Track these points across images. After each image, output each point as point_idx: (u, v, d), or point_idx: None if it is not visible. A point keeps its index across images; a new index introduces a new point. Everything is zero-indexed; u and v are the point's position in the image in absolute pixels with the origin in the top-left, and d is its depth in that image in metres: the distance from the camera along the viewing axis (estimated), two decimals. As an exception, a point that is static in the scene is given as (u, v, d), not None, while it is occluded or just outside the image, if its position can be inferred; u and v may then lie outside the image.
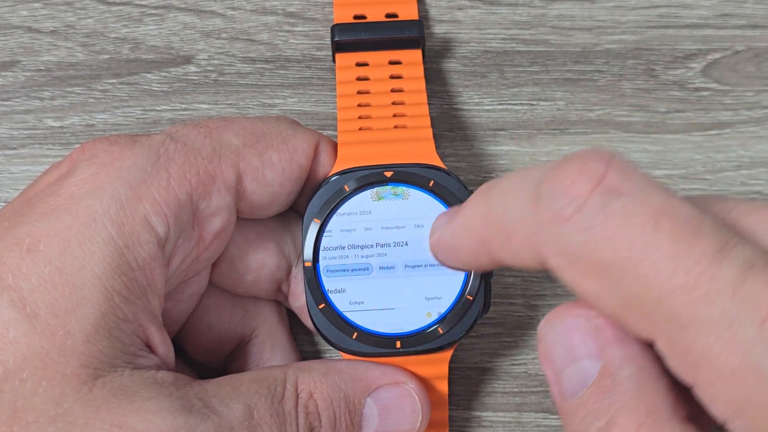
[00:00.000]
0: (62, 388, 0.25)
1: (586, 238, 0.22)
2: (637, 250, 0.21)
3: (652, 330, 0.22)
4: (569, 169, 0.22)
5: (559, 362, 0.24)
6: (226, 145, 0.29)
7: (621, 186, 0.22)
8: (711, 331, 0.21)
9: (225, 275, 0.31)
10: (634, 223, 0.21)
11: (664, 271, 0.21)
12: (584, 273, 0.22)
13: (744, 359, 0.20)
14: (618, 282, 0.22)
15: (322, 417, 0.28)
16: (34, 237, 0.26)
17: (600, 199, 0.22)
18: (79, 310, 0.25)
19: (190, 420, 0.25)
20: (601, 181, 0.22)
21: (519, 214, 0.23)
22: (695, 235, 0.21)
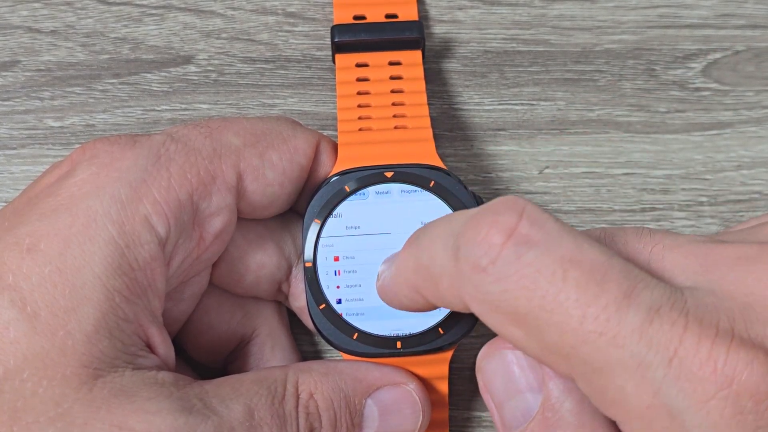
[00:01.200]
0: (62, 388, 0.25)
1: (501, 288, 0.23)
2: (549, 299, 0.22)
3: (572, 372, 0.23)
4: (483, 221, 0.23)
5: (500, 395, 0.26)
6: (226, 145, 0.29)
7: (532, 236, 0.23)
8: (622, 373, 0.22)
9: (225, 275, 0.31)
10: (544, 273, 0.22)
11: (574, 318, 0.22)
12: (503, 320, 0.23)
13: (655, 398, 0.22)
14: (535, 329, 0.23)
15: (322, 417, 0.28)
16: (35, 237, 0.26)
17: (512, 250, 0.23)
18: (80, 310, 0.25)
19: (191, 420, 0.25)
20: (513, 232, 0.23)
21: (442, 264, 0.24)
22: (602, 282, 0.22)
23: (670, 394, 0.21)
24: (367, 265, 0.30)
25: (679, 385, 0.21)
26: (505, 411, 0.26)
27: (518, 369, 0.25)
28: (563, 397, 0.24)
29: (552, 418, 0.24)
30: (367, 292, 0.30)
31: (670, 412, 0.22)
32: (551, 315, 0.22)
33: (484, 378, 0.26)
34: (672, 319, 0.22)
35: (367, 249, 0.31)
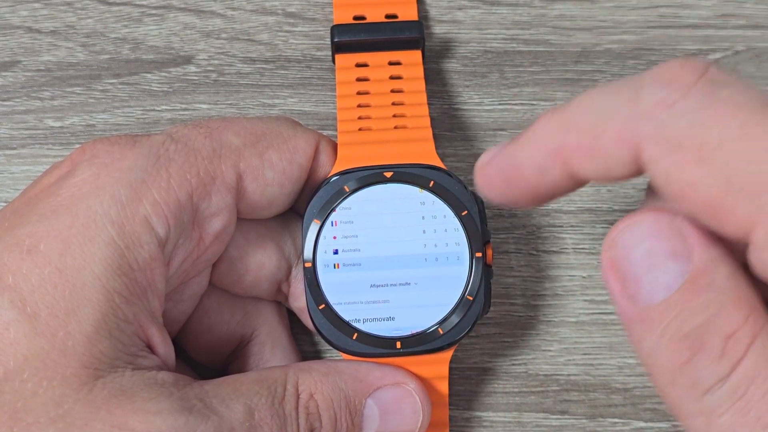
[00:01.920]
0: (62, 388, 0.25)
1: (691, 121, 0.21)
2: (748, 129, 0.21)
3: (755, 215, 0.21)
4: (670, 66, 0.22)
5: (638, 267, 0.23)
6: (226, 146, 0.29)
7: (725, 78, 0.21)
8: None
9: (225, 276, 0.31)
10: (744, 107, 0.21)
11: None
12: (685, 159, 0.21)
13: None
14: (725, 163, 0.21)
15: (322, 417, 0.28)
16: (35, 237, 0.26)
17: (707, 86, 0.21)
18: (80, 311, 0.25)
19: (191, 420, 0.25)
20: (705, 73, 0.21)
21: (612, 110, 0.22)
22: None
23: None
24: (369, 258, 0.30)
25: None
26: (643, 284, 0.23)
27: (662, 238, 0.23)
28: (717, 264, 0.22)
29: (704, 284, 0.22)
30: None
31: None
32: (750, 145, 0.21)
33: (618, 252, 0.24)
34: None
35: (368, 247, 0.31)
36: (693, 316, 0.22)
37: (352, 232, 0.31)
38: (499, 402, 0.34)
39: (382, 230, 0.31)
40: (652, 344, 0.23)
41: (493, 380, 0.34)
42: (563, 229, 0.35)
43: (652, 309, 0.23)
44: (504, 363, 0.34)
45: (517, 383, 0.34)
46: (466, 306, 0.30)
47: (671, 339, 0.23)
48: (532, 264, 0.35)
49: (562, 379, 0.34)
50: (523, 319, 0.35)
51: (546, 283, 0.35)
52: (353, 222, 0.31)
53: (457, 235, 0.31)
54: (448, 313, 0.30)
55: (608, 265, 0.24)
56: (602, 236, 0.35)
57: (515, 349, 0.34)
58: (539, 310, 0.35)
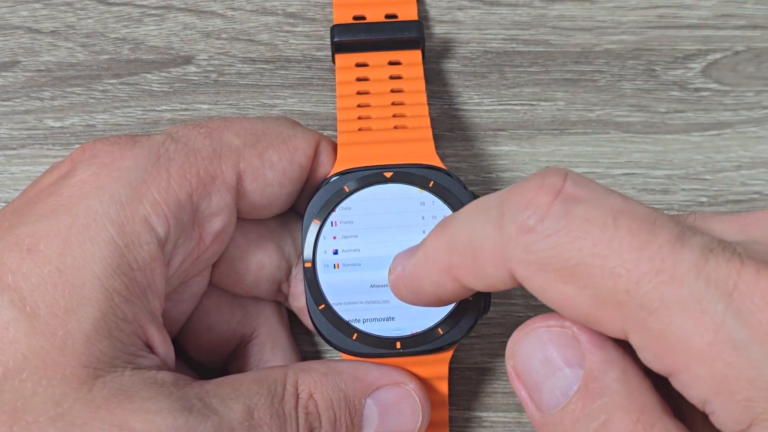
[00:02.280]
0: (62, 388, 0.25)
1: (551, 244, 0.23)
2: (601, 246, 0.22)
3: (626, 322, 0.23)
4: (528, 186, 0.24)
5: (537, 376, 0.25)
6: (226, 146, 0.29)
7: (579, 193, 0.23)
8: (681, 311, 0.22)
9: (225, 276, 0.31)
10: (595, 222, 0.22)
11: (629, 261, 0.22)
12: (553, 278, 0.23)
13: (717, 333, 0.21)
14: (587, 280, 0.22)
15: (322, 417, 0.28)
16: (35, 237, 0.26)
17: (561, 206, 0.23)
18: (79, 310, 0.25)
19: (190, 420, 0.25)
20: (560, 192, 0.23)
21: (484, 235, 0.24)
22: (653, 227, 0.22)
23: (733, 328, 0.21)
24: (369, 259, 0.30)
25: (742, 318, 0.21)
26: (543, 392, 0.25)
27: (555, 346, 0.25)
28: (607, 368, 0.24)
29: (596, 388, 0.24)
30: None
31: (734, 345, 0.21)
32: (605, 261, 0.22)
33: (518, 362, 0.25)
34: (726, 257, 0.22)
35: (368, 247, 0.31)
36: (588, 423, 0.24)
37: (352, 232, 0.31)
38: (499, 402, 0.34)
39: (381, 230, 0.31)
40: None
41: (493, 380, 0.34)
42: (563, 229, 0.35)
43: (553, 416, 0.24)
44: (504, 363, 0.34)
45: (517, 383, 0.34)
46: (466, 306, 0.30)
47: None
48: (532, 264, 0.35)
49: (562, 379, 0.34)
50: (523, 319, 0.34)
51: (546, 283, 0.35)
52: (353, 222, 0.31)
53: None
54: (448, 314, 0.30)
55: (512, 374, 0.26)
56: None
57: (515, 349, 0.34)
58: (539, 311, 0.35)
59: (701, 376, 0.22)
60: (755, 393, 0.21)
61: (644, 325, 0.22)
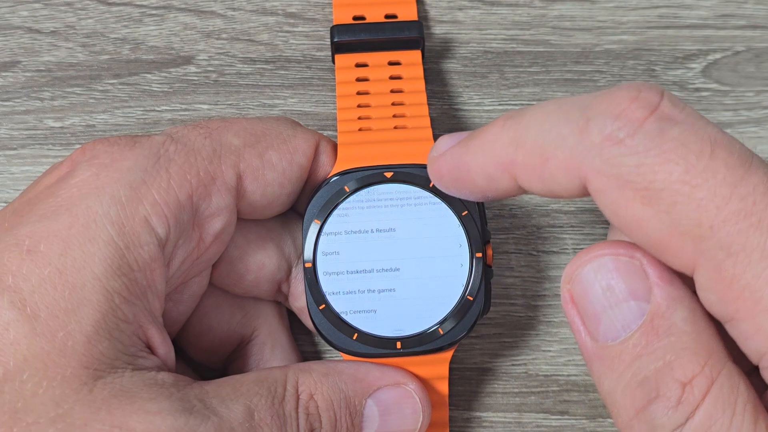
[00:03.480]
0: (62, 389, 0.25)
1: (639, 161, 0.21)
2: (694, 174, 0.21)
3: (698, 258, 0.21)
4: (621, 96, 0.22)
5: (597, 304, 0.23)
6: (226, 146, 0.29)
7: (676, 115, 0.22)
8: (761, 260, 0.21)
9: (225, 276, 0.31)
10: (691, 149, 0.21)
11: (719, 197, 0.21)
12: (632, 197, 0.22)
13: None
14: (670, 206, 0.21)
15: (322, 418, 0.28)
16: (35, 238, 0.26)
17: (656, 124, 0.21)
18: (80, 311, 0.25)
19: (191, 421, 0.25)
20: (656, 109, 0.22)
21: (561, 136, 0.23)
22: (750, 165, 0.21)
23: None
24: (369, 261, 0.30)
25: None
26: (602, 322, 0.23)
27: (621, 275, 0.23)
28: (675, 305, 0.23)
29: (662, 326, 0.22)
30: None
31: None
32: (694, 190, 0.21)
33: (577, 287, 0.24)
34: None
35: (369, 246, 0.31)
36: (650, 361, 0.22)
37: (353, 233, 0.31)
38: (499, 402, 0.34)
39: (382, 231, 0.31)
40: (610, 385, 0.23)
41: (493, 380, 0.34)
42: (563, 229, 0.35)
43: (610, 348, 0.23)
44: (504, 363, 0.34)
45: (517, 384, 0.34)
46: (466, 306, 0.30)
47: (629, 384, 0.23)
48: (532, 264, 0.35)
49: (562, 379, 0.34)
50: (523, 320, 0.35)
51: (546, 283, 0.35)
52: (354, 222, 0.31)
53: (457, 235, 0.31)
54: (448, 314, 0.30)
55: (568, 299, 0.24)
56: (603, 236, 0.35)
57: (515, 349, 0.34)
58: (539, 311, 0.35)
59: (765, 328, 0.21)
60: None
61: (719, 266, 0.21)
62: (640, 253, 0.23)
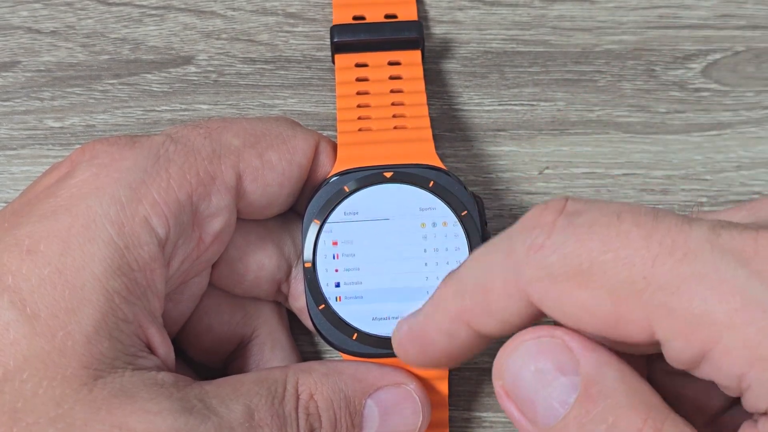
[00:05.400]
0: (62, 389, 0.25)
1: (561, 254, 0.23)
2: (610, 242, 0.22)
3: (649, 311, 0.22)
4: (532, 213, 0.24)
5: (530, 389, 0.24)
6: (225, 146, 0.29)
7: (580, 207, 0.23)
8: (701, 283, 0.21)
9: (225, 276, 0.31)
10: (600, 223, 0.23)
11: (640, 248, 0.22)
12: (568, 287, 0.23)
13: (743, 299, 0.21)
14: (602, 279, 0.22)
15: (322, 418, 0.28)
16: (34, 238, 0.26)
17: (565, 220, 0.23)
18: (80, 311, 0.25)
19: (191, 421, 0.25)
20: (562, 210, 0.23)
21: (494, 266, 0.24)
22: (656, 217, 0.22)
23: (759, 291, 0.21)
24: (368, 262, 0.30)
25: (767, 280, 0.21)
26: (538, 406, 0.24)
27: (546, 356, 0.24)
28: (604, 369, 0.23)
29: (597, 391, 0.23)
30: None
31: (764, 308, 0.21)
32: (616, 253, 0.22)
33: (508, 379, 0.24)
34: (739, 230, 0.22)
35: (368, 246, 0.31)
36: (594, 428, 0.23)
37: (352, 233, 0.31)
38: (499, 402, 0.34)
39: (381, 231, 0.31)
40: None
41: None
42: (563, 229, 0.35)
43: (554, 428, 0.24)
44: (504, 363, 0.34)
45: (517, 383, 0.34)
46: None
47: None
48: (532, 264, 0.35)
49: (562, 379, 0.34)
50: (523, 320, 0.35)
51: (546, 283, 0.35)
52: (353, 223, 0.31)
53: (457, 235, 0.31)
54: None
55: (502, 394, 0.25)
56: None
57: (515, 349, 0.34)
58: (539, 311, 0.35)
59: (734, 346, 0.21)
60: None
61: (667, 307, 0.22)
62: (560, 331, 0.24)
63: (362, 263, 0.30)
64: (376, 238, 0.31)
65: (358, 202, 0.31)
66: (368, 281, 0.30)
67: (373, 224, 0.31)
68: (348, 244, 0.31)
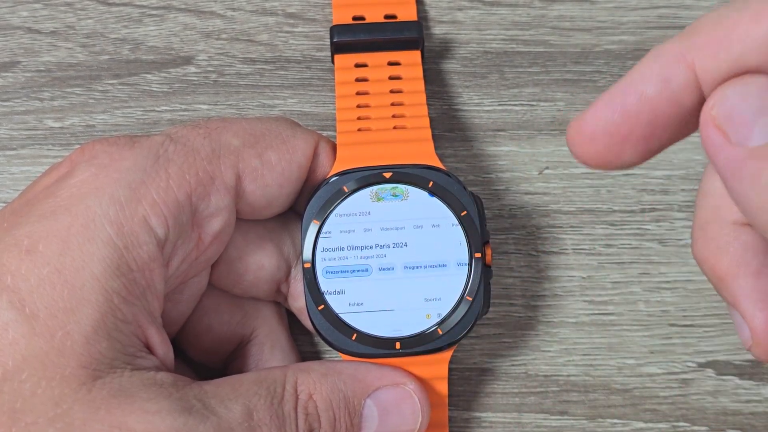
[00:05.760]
0: (61, 388, 0.25)
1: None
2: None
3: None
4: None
5: (748, 114, 0.21)
6: (225, 146, 0.29)
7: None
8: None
9: (224, 276, 0.31)
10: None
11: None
12: None
13: None
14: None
15: (321, 418, 0.28)
16: (34, 238, 0.26)
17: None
18: (79, 311, 0.25)
19: (190, 421, 0.25)
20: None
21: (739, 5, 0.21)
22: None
23: None
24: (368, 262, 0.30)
25: None
26: (755, 127, 0.21)
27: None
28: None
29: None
30: (366, 293, 0.30)
31: None
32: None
33: (727, 105, 0.21)
34: None
35: (367, 247, 0.31)
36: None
37: (352, 233, 0.31)
38: (498, 402, 0.34)
39: (380, 230, 0.31)
40: (760, 197, 0.21)
41: (492, 381, 0.34)
42: (563, 229, 0.35)
43: (760, 148, 0.20)
44: (504, 363, 0.34)
45: (516, 384, 0.34)
46: (466, 306, 0.30)
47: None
48: (531, 264, 0.35)
49: (562, 379, 0.34)
50: (522, 320, 0.35)
51: (545, 283, 0.35)
52: (353, 222, 0.31)
53: (457, 235, 0.31)
54: (447, 314, 0.30)
55: (710, 123, 0.21)
56: (602, 236, 0.35)
57: (515, 349, 0.34)
58: (539, 311, 0.35)
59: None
60: None
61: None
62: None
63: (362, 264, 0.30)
64: (375, 237, 0.31)
65: (358, 202, 0.31)
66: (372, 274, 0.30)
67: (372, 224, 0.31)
68: (347, 244, 0.31)
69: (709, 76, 0.22)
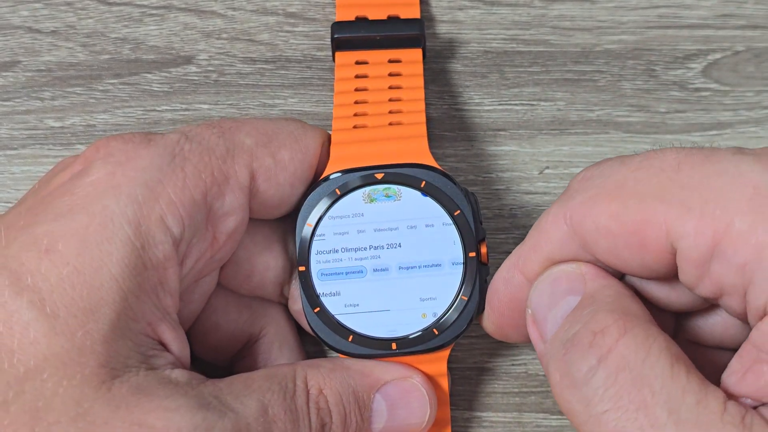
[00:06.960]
0: (82, 387, 0.25)
1: (604, 176, 0.27)
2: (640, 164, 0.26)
3: (667, 213, 0.25)
4: None
5: (543, 310, 0.27)
6: (239, 145, 0.29)
7: None
8: (720, 179, 0.24)
9: (232, 276, 0.31)
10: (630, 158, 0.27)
11: (667, 160, 0.25)
12: (605, 200, 0.26)
13: (756, 189, 0.23)
14: (634, 188, 0.26)
15: (332, 413, 0.28)
16: (52, 237, 0.26)
17: None
18: (98, 311, 0.25)
19: (209, 416, 0.25)
20: None
21: (548, 214, 0.28)
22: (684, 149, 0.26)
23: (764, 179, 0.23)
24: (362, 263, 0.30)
25: None
26: (548, 322, 0.27)
27: (564, 281, 0.27)
28: (603, 289, 0.26)
29: (589, 302, 0.26)
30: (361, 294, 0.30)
31: None
32: (649, 163, 0.26)
33: (533, 302, 0.27)
34: (760, 149, 0.25)
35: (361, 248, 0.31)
36: (572, 326, 0.25)
37: (345, 235, 0.31)
38: (499, 402, 0.34)
39: (375, 231, 0.31)
40: (546, 361, 0.26)
41: (493, 380, 0.34)
42: (563, 229, 0.35)
43: (552, 338, 0.26)
44: (504, 363, 0.34)
45: (517, 383, 0.34)
46: (461, 306, 0.30)
47: (556, 348, 0.26)
48: (532, 264, 0.35)
49: (562, 378, 0.34)
50: (523, 319, 0.35)
51: (546, 283, 0.35)
52: (345, 224, 0.31)
53: (451, 235, 0.31)
54: (443, 313, 0.30)
55: (529, 321, 0.28)
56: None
57: (515, 349, 0.34)
58: (539, 310, 0.35)
59: (744, 231, 0.23)
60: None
61: (686, 205, 0.24)
62: (578, 263, 0.27)
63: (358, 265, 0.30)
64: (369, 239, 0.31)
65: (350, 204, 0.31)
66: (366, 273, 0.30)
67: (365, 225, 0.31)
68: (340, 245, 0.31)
69: (533, 275, 0.28)
